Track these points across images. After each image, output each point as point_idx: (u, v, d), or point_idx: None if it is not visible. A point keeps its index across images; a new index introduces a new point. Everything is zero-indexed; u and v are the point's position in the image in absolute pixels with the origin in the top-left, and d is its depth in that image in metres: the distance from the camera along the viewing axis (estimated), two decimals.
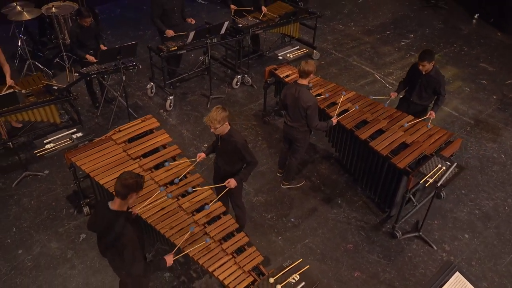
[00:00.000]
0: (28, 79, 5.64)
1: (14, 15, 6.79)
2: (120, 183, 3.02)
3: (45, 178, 5.49)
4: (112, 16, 9.32)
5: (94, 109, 6.60)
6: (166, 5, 6.27)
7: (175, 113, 6.65)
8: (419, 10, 10.12)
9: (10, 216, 5.01)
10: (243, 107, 6.82)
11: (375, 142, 4.81)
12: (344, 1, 10.39)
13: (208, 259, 3.58)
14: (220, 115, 3.82)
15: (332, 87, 5.71)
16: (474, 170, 5.86)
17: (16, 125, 6.13)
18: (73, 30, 5.88)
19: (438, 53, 8.46)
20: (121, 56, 5.65)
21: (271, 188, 5.50)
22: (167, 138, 4.72)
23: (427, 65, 4.94)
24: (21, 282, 4.38)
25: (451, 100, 7.15)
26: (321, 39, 8.72)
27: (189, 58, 7.89)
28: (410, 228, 5.05)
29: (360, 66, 7.96)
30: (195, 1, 10.08)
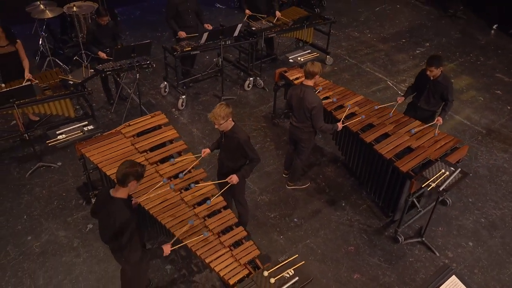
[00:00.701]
0: (46, 74, 5.85)
1: (37, 13, 7.07)
2: (121, 170, 3.13)
3: (58, 169, 5.67)
4: (132, 18, 9.57)
5: (109, 105, 6.78)
6: (180, 7, 6.43)
7: (186, 112, 6.78)
8: (437, 19, 10.07)
9: (22, 204, 5.20)
10: (253, 109, 6.91)
11: (379, 145, 4.83)
12: (361, 8, 10.42)
13: (206, 250, 3.66)
14: (224, 111, 3.90)
15: (340, 90, 5.75)
16: (483, 179, 5.80)
17: (33, 118, 6.35)
18: (90, 28, 6.09)
19: (453, 62, 8.42)
20: (135, 54, 5.82)
21: (276, 188, 5.56)
22: (174, 133, 4.83)
23: (434, 71, 4.94)
24: (28, 267, 4.53)
25: (463, 109, 7.10)
26: (335, 45, 8.77)
27: (204, 60, 8.04)
28: (413, 234, 5.03)
29: (373, 72, 7.98)
30: (213, 6, 10.26)
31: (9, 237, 4.81)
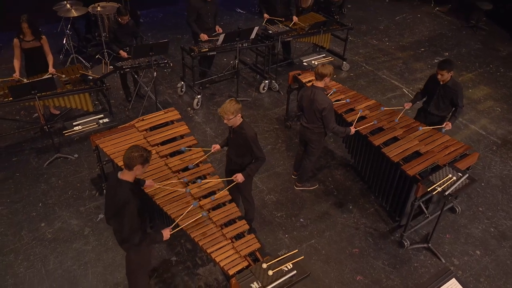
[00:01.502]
0: (67, 69, 6.08)
1: (63, 12, 7.37)
2: (127, 155, 3.28)
3: (74, 161, 5.87)
4: (154, 20, 9.83)
5: (127, 102, 6.98)
6: (200, 10, 6.60)
7: (201, 112, 6.92)
8: (458, 30, 10.00)
9: (38, 192, 5.40)
10: (267, 111, 7.00)
11: (387, 149, 4.84)
12: (381, 17, 10.43)
13: (208, 241, 3.75)
14: (234, 107, 4.00)
15: (352, 94, 5.79)
16: (495, 189, 5.72)
17: (54, 112, 6.60)
18: (111, 26, 6.32)
19: (472, 72, 8.34)
20: (153, 53, 6.00)
21: (284, 188, 5.61)
22: (186, 129, 4.96)
23: (445, 75, 4.94)
24: (40, 251, 4.70)
25: (479, 119, 7.02)
26: (353, 52, 8.81)
27: (222, 62, 8.19)
28: (419, 239, 5.00)
29: (389, 80, 7.98)
30: (234, 10, 10.45)
31: (24, 223, 5.00)
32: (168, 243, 4.83)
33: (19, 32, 5.71)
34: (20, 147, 6.06)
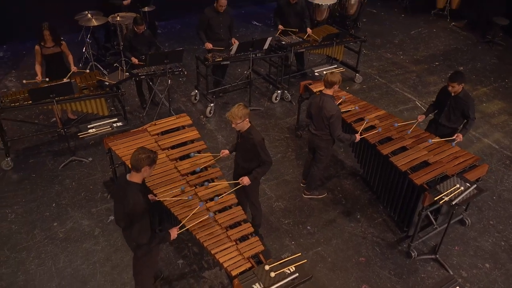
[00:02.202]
0: (85, 75, 6.28)
1: (84, 21, 7.64)
2: (134, 157, 3.37)
3: (88, 164, 6.02)
4: (172, 31, 10.07)
5: (141, 109, 7.15)
6: (212, 20, 6.76)
7: (214, 120, 7.03)
8: (474, 45, 9.96)
9: (52, 193, 5.55)
10: (278, 120, 7.07)
11: (395, 158, 4.85)
12: (396, 31, 10.47)
13: (213, 242, 3.80)
14: (242, 112, 4.09)
15: (363, 104, 5.83)
16: (507, 203, 5.64)
17: (71, 117, 6.80)
18: (127, 35, 6.53)
19: (487, 86, 8.29)
20: (168, 61, 6.16)
21: (292, 196, 5.65)
22: (196, 134, 5.06)
23: (456, 86, 4.95)
24: (51, 250, 4.82)
25: (493, 133, 6.96)
26: (366, 64, 8.85)
27: (236, 72, 8.33)
28: (427, 250, 4.96)
29: (402, 92, 7.98)
30: (251, 23, 10.64)
31: (37, 222, 5.15)
32: (175, 246, 4.90)
33: (41, 39, 5.95)
34: (37, 149, 6.26)
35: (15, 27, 8.51)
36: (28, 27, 8.25)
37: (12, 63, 8.41)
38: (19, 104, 5.62)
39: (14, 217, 5.20)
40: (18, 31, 8.56)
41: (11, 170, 5.87)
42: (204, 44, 6.92)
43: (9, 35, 8.76)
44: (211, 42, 6.91)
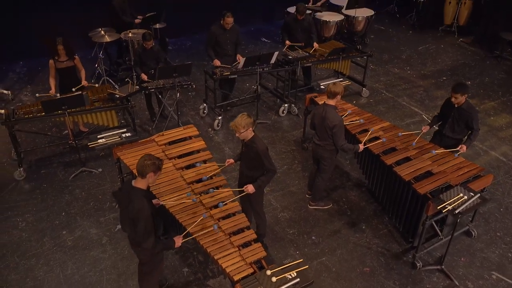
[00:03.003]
0: (96, 89, 6.47)
1: (97, 38, 7.90)
2: (140, 163, 3.48)
3: (98, 175, 6.15)
4: (182, 48, 10.32)
5: (151, 122, 7.31)
6: (219, 37, 6.95)
7: (221, 132, 7.15)
8: (481, 60, 10.00)
9: (62, 202, 5.68)
10: (285, 133, 7.16)
11: (399, 168, 4.88)
12: (404, 47, 10.57)
13: (216, 248, 3.86)
14: (245, 121, 4.19)
15: (367, 116, 5.89)
16: None
17: (83, 129, 6.97)
18: (137, 50, 6.74)
19: (495, 100, 8.29)
20: (177, 74, 6.33)
21: (298, 207, 5.68)
22: (203, 144, 5.17)
23: (459, 98, 5.00)
24: (59, 257, 4.92)
25: (500, 146, 6.94)
26: (374, 79, 8.94)
27: (244, 87, 8.48)
28: (433, 261, 4.94)
29: (409, 106, 8.03)
30: (259, 39, 10.84)
31: (47, 230, 5.26)
32: (181, 254, 4.96)
33: (55, 54, 6.18)
34: (49, 160, 6.43)
35: (31, 44, 8.81)
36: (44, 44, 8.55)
37: (28, 79, 8.70)
38: (33, 115, 5.81)
39: (25, 225, 5.33)
40: (34, 47, 8.85)
41: (24, 180, 6.03)
42: (212, 61, 7.09)
43: (25, 52, 9.08)
44: (219, 57, 7.08)
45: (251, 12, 11.32)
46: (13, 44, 8.86)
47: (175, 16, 9.67)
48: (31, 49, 8.92)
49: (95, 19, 8.49)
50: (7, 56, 9.00)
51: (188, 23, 10.42)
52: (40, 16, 8.74)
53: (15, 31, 8.75)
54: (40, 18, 8.72)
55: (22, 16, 8.73)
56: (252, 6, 11.19)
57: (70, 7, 8.94)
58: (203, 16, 9.82)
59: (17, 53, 9.10)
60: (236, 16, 6.97)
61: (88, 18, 8.66)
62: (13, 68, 9.06)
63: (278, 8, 11.14)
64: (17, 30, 8.77)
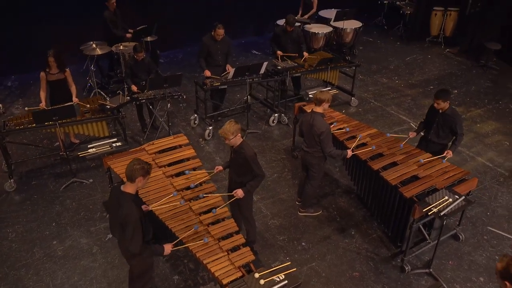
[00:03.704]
0: (88, 100, 6.53)
1: (88, 51, 7.98)
2: (129, 168, 3.53)
3: (89, 185, 6.17)
4: (174, 60, 10.44)
5: (142, 133, 7.36)
6: (210, 48, 7.08)
7: (212, 142, 7.22)
8: (468, 69, 10.19)
9: (53, 213, 5.69)
10: (275, 142, 7.24)
11: (386, 172, 4.97)
12: (392, 58, 10.76)
13: (205, 253, 3.90)
14: (233, 128, 4.27)
15: (355, 124, 5.99)
16: (501, 218, 5.69)
17: (74, 141, 7.00)
18: (128, 62, 6.84)
19: (481, 108, 8.45)
20: (167, 85, 6.42)
21: (288, 214, 5.73)
22: (192, 153, 5.23)
23: (442, 104, 5.12)
24: (49, 267, 4.92)
25: (486, 152, 7.06)
26: (362, 89, 9.08)
27: (235, 98, 8.57)
28: (421, 265, 4.99)
29: (397, 115, 8.16)
30: (250, 52, 11.00)
31: (37, 240, 5.26)
32: (171, 262, 4.97)
33: (46, 66, 6.24)
34: (40, 172, 6.44)
35: (24, 58, 8.89)
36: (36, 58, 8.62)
37: (20, 92, 8.74)
38: (23, 127, 5.84)
39: (15, 236, 5.33)
40: (26, 62, 8.92)
41: (14, 191, 6.04)
42: (203, 71, 7.20)
43: (17, 66, 9.14)
44: (210, 68, 7.19)
45: (242, 25, 11.51)
46: (5, 58, 8.92)
47: (166, 29, 9.82)
48: (23, 63, 8.98)
49: (87, 33, 8.59)
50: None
51: (179, 36, 10.57)
52: (33, 30, 8.82)
53: (6, 45, 8.82)
54: (32, 32, 8.81)
55: (15, 30, 8.81)
56: (243, 19, 11.38)
57: (63, 21, 9.03)
58: (194, 29, 9.98)
59: (9, 67, 9.15)
60: (227, 29, 7.13)
61: (80, 32, 8.76)
62: (4, 82, 9.11)
63: (268, 22, 11.33)
64: (9, 44, 8.84)
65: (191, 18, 10.45)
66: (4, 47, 8.80)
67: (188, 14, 10.47)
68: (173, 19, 10.21)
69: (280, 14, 9.66)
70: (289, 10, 8.03)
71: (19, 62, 9.06)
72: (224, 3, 10.79)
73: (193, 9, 10.51)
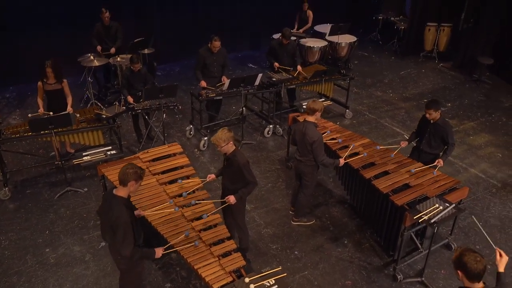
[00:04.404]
0: (84, 110, 6.60)
1: (86, 62, 8.09)
2: (122, 171, 3.57)
3: (83, 194, 6.19)
4: (171, 73, 10.56)
5: (138, 144, 7.41)
6: (207, 60, 7.19)
7: (207, 153, 7.27)
8: (461, 83, 10.33)
9: (46, 221, 5.69)
10: (270, 153, 7.29)
11: (378, 181, 5.01)
12: (387, 72, 10.90)
13: (196, 258, 3.92)
14: (225, 135, 4.32)
15: (348, 134, 6.06)
16: (493, 229, 5.72)
17: (70, 151, 7.04)
18: (124, 73, 6.93)
19: (474, 121, 8.54)
20: (163, 95, 6.50)
21: (281, 223, 5.75)
22: (186, 161, 5.28)
23: (433, 114, 5.20)
24: (41, 274, 4.91)
25: (479, 163, 7.12)
26: (357, 102, 9.18)
27: (231, 110, 8.66)
28: (414, 274, 4.99)
29: (391, 127, 8.24)
30: (247, 65, 11.13)
31: (30, 248, 5.26)
32: (163, 270, 4.97)
33: (43, 76, 6.32)
34: (35, 181, 6.47)
35: (23, 70, 8.97)
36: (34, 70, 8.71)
37: (17, 103, 8.81)
38: (20, 135, 5.89)
39: (8, 243, 5.33)
40: (25, 73, 9.00)
41: (8, 200, 6.05)
42: (199, 82, 7.30)
43: (16, 78, 9.23)
44: (206, 79, 7.29)
45: (239, 39, 11.69)
46: (4, 70, 9.02)
47: (164, 42, 9.96)
48: (22, 74, 9.06)
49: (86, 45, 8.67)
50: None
51: (177, 49, 10.70)
52: (32, 42, 8.94)
53: (5, 57, 8.92)
54: (32, 44, 8.93)
55: (13, 42, 8.92)
56: (240, 34, 11.56)
57: (61, 33, 9.17)
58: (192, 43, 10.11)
59: (8, 79, 9.24)
60: (224, 43, 7.27)
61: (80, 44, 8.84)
62: (2, 93, 9.19)
63: (264, 36, 11.49)
64: (8, 56, 8.95)
65: (189, 32, 10.61)
66: (3, 58, 8.91)
67: (186, 28, 10.63)
68: (170, 33, 10.38)
69: (276, 29, 9.82)
70: (285, 25, 8.15)
71: (18, 74, 9.15)
72: (222, 18, 10.97)
73: (191, 23, 10.69)
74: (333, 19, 10.99)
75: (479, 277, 2.88)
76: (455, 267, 2.97)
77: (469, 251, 2.91)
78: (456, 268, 2.96)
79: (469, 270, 2.86)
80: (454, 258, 2.96)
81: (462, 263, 2.88)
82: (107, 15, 8.22)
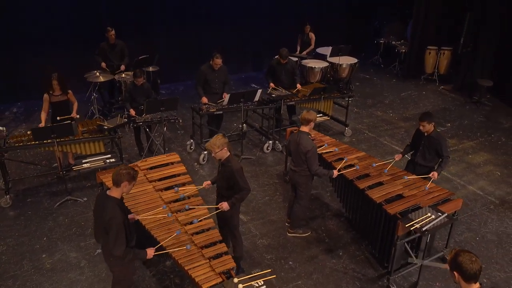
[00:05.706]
0: (87, 122, 6.77)
1: (92, 78, 8.32)
2: (116, 172, 3.67)
3: (83, 203, 6.28)
4: (175, 92, 10.78)
5: (139, 157, 7.53)
6: (208, 76, 7.39)
7: (207, 166, 7.36)
8: (461, 105, 10.42)
9: (45, 228, 5.77)
10: (268, 168, 7.37)
11: (371, 191, 5.05)
12: (387, 93, 11.04)
13: (187, 260, 3.96)
14: (220, 141, 4.43)
15: (344, 147, 6.14)
16: (490, 244, 5.69)
17: (71, 162, 7.17)
18: (128, 87, 7.13)
19: (473, 140, 8.58)
20: (164, 108, 6.66)
21: (277, 234, 5.77)
22: (183, 169, 5.37)
23: (427, 126, 5.28)
24: (37, 279, 4.96)
25: (477, 181, 7.13)
26: (357, 121, 9.29)
27: (232, 126, 8.79)
28: (408, 286, 4.96)
29: (389, 145, 8.30)
30: (249, 85, 11.35)
31: (27, 253, 5.32)
32: (158, 277, 4.99)
33: (49, 88, 6.53)
34: (36, 190, 6.58)
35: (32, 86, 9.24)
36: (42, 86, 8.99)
37: (24, 117, 9.04)
38: (23, 144, 6.04)
39: (6, 249, 5.40)
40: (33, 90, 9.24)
41: (9, 207, 6.16)
42: (201, 98, 7.47)
43: (24, 94, 9.51)
44: (208, 95, 7.46)
45: (242, 61, 12.00)
46: (13, 86, 9.31)
47: (168, 62, 10.22)
48: (31, 91, 9.32)
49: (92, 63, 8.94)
50: (6, 97, 9.42)
51: (181, 69, 10.98)
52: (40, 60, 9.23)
53: (15, 74, 9.22)
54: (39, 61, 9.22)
55: (21, 61, 9.23)
56: (243, 56, 11.88)
57: (69, 51, 9.48)
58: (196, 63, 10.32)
59: (16, 95, 9.52)
60: (228, 65, 7.53)
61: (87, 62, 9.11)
62: (10, 108, 9.44)
63: (266, 58, 11.73)
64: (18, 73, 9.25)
65: (194, 53, 10.88)
66: (13, 75, 9.21)
67: (191, 49, 10.92)
68: (175, 53, 10.67)
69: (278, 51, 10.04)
70: (288, 47, 8.33)
71: (26, 90, 9.42)
72: (226, 40, 11.27)
73: (196, 44, 10.99)
74: (336, 41, 11.22)
75: (475, 278, 2.81)
76: (450, 269, 2.91)
77: (464, 252, 2.84)
78: (452, 270, 2.89)
79: (464, 270, 2.78)
80: (449, 259, 2.90)
81: (457, 263, 2.81)
82: (112, 33, 8.51)
